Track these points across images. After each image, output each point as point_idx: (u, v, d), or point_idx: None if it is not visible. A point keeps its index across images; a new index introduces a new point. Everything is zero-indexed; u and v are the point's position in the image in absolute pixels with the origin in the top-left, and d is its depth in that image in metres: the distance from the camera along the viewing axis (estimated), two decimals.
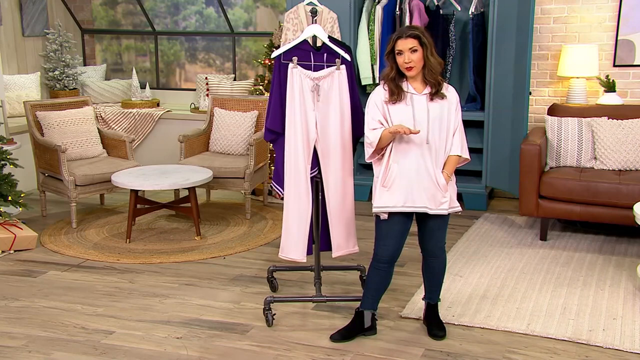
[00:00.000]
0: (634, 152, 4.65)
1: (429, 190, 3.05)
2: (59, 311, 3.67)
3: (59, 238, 4.89)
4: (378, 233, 3.15)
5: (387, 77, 3.05)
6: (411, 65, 2.97)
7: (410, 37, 2.96)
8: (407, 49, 2.95)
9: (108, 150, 5.65)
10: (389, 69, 3.04)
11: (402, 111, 3.02)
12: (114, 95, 7.14)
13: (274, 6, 7.00)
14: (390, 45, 3.00)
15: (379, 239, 3.15)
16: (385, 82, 3.06)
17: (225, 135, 5.64)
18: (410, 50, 2.96)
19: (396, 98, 3.02)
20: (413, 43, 2.95)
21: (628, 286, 3.86)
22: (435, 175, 3.06)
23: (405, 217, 3.11)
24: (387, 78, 3.04)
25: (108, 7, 7.63)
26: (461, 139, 3.10)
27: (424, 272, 3.34)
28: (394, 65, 3.02)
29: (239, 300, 3.78)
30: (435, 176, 3.05)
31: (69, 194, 5.03)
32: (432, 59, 2.99)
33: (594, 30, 5.41)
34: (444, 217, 3.14)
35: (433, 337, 3.28)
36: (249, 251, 4.60)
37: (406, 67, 2.98)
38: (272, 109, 3.40)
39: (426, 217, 3.13)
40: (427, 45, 2.98)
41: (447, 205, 3.09)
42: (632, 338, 3.25)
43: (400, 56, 2.98)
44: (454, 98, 3.09)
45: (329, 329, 3.40)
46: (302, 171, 3.35)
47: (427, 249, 3.25)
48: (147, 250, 4.62)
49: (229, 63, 7.27)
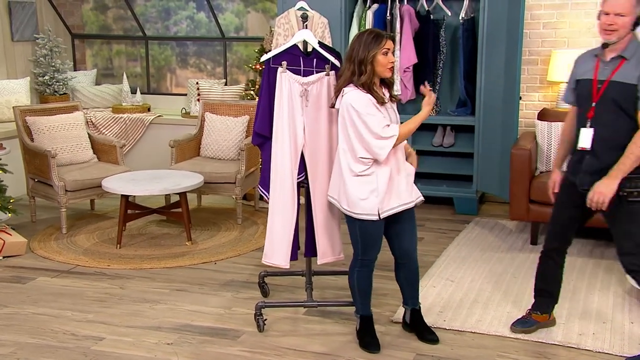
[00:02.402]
0: None
1: (407, 186, 3.13)
2: (49, 318, 3.64)
3: (49, 244, 4.86)
4: (366, 238, 3.11)
5: (366, 83, 3.00)
6: (393, 65, 3.05)
7: (390, 38, 3.04)
8: (392, 48, 3.05)
9: (98, 156, 5.62)
10: (370, 75, 2.99)
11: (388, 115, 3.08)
12: (105, 100, 7.12)
13: (265, 11, 7.01)
14: (381, 46, 2.96)
15: (368, 244, 3.12)
16: (364, 88, 3.00)
17: (216, 140, 5.63)
18: (392, 51, 3.05)
19: (382, 102, 3.03)
20: (392, 44, 3.05)
21: (617, 290, 3.88)
22: (407, 169, 3.16)
23: (384, 220, 3.10)
24: (367, 83, 3.00)
25: (98, 12, 7.62)
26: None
27: (402, 278, 3.31)
28: (373, 69, 3.00)
29: (230, 306, 3.76)
30: (407, 170, 3.15)
31: (59, 200, 5.01)
32: None
33: (583, 35, 5.44)
34: (414, 215, 3.21)
35: (428, 342, 3.28)
36: (240, 256, 4.59)
37: (390, 67, 3.03)
38: (261, 112, 3.40)
39: (400, 217, 3.13)
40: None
41: (417, 194, 3.19)
42: (621, 342, 3.26)
43: (385, 56, 3.00)
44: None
45: (320, 334, 3.40)
46: (288, 176, 3.34)
47: (405, 251, 3.22)
48: (137, 255, 4.60)
49: (220, 68, 7.27)
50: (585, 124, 2.95)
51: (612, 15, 2.79)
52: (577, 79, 3.03)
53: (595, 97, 2.90)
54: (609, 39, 2.84)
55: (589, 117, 2.93)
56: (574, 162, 3.07)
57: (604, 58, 2.92)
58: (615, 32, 2.81)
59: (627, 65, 2.85)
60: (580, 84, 3.01)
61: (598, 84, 2.90)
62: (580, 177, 3.00)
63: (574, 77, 3.07)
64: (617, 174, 2.86)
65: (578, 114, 3.05)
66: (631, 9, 2.77)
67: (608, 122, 2.90)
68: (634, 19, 2.80)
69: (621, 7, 2.77)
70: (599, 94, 2.89)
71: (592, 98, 2.92)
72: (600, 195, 2.89)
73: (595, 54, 2.98)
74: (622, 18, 2.78)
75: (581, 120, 3.00)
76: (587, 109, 2.95)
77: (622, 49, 2.86)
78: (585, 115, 2.96)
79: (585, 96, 2.97)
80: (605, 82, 2.88)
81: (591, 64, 2.97)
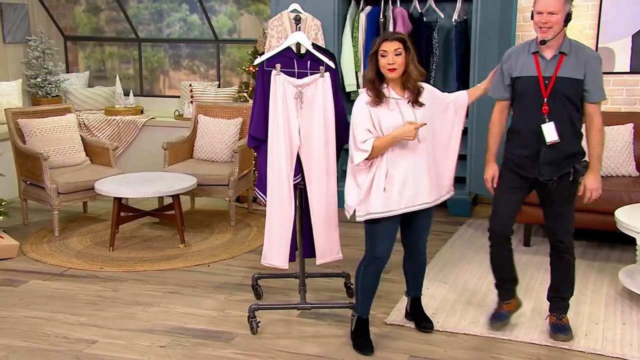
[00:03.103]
0: (615, 158, 4.70)
1: (426, 186, 3.11)
2: (41, 321, 3.62)
3: (41, 247, 4.84)
4: (373, 236, 3.14)
5: (365, 77, 3.09)
6: (394, 67, 3.00)
7: (396, 40, 3.01)
8: (392, 50, 3.00)
9: (91, 158, 5.60)
10: (368, 70, 3.08)
11: (391, 116, 3.04)
12: (97, 103, 7.10)
13: (258, 13, 7.01)
14: (375, 47, 3.03)
15: (378, 240, 3.14)
16: (365, 85, 3.09)
17: (209, 143, 5.62)
18: (395, 52, 3.00)
19: (378, 100, 3.03)
20: (397, 45, 3.00)
21: (610, 291, 3.90)
22: (432, 170, 3.13)
23: (397, 218, 3.14)
24: (366, 78, 3.08)
25: (91, 14, 7.60)
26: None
27: (408, 269, 3.39)
28: (375, 68, 3.05)
29: (223, 308, 3.76)
30: (435, 170, 3.14)
31: (51, 202, 4.99)
32: (413, 66, 3.04)
33: (575, 37, 5.40)
34: (431, 214, 3.23)
35: (423, 329, 3.39)
36: (234, 258, 4.58)
37: (388, 68, 3.01)
38: (256, 115, 3.40)
39: (415, 215, 3.16)
40: (411, 51, 3.03)
41: (446, 190, 3.23)
42: (613, 343, 3.27)
43: (383, 58, 3.01)
44: (429, 91, 3.16)
45: (313, 336, 3.40)
46: (285, 178, 3.34)
47: (414, 245, 3.30)
48: (130, 258, 4.58)
49: (213, 70, 7.26)
50: (542, 119, 3.07)
51: (546, 13, 2.95)
52: (516, 76, 3.12)
53: (545, 93, 3.04)
54: (546, 37, 2.99)
55: (544, 112, 3.06)
56: (522, 157, 3.16)
57: (544, 55, 3.06)
58: (550, 30, 2.97)
59: (568, 60, 3.03)
60: (521, 80, 3.11)
61: (545, 80, 3.04)
62: (542, 169, 3.13)
63: (508, 74, 3.15)
64: (598, 167, 3.12)
65: (524, 110, 3.13)
66: (562, 6, 2.95)
67: (562, 115, 3.06)
68: (564, 16, 2.98)
69: (553, 6, 2.94)
70: (548, 90, 3.03)
71: (542, 94, 3.05)
72: (596, 191, 3.14)
73: (532, 51, 3.09)
74: (555, 16, 2.95)
75: (533, 116, 3.09)
76: (539, 104, 3.06)
77: (559, 46, 3.03)
78: (540, 111, 3.07)
79: (532, 92, 3.08)
80: (552, 78, 3.03)
81: (529, 61, 3.08)
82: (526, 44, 3.14)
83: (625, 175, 4.70)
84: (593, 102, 3.08)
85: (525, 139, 3.13)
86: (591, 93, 3.06)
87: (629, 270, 3.93)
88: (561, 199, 3.17)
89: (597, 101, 3.09)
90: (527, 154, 3.14)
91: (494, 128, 3.25)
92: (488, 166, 3.28)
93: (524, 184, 3.22)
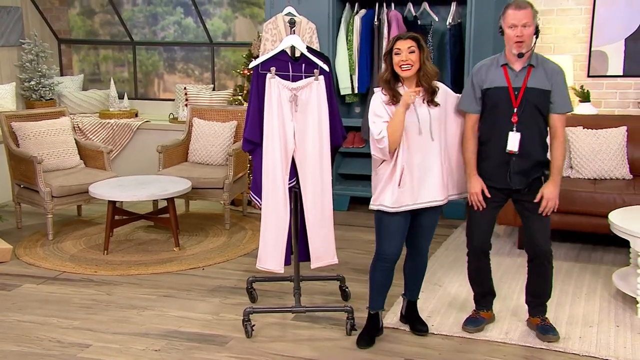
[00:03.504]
0: (609, 161, 4.72)
1: (438, 184, 3.18)
2: (34, 325, 3.61)
3: (35, 250, 4.82)
4: (383, 232, 3.20)
5: (381, 78, 3.13)
6: (408, 63, 3.05)
7: (410, 38, 3.07)
8: (406, 48, 3.05)
9: (85, 161, 5.59)
10: (384, 71, 3.13)
11: (407, 115, 3.09)
12: (92, 106, 7.08)
13: (253, 16, 7.02)
14: (390, 45, 3.09)
15: (385, 238, 3.20)
16: (382, 84, 3.14)
17: (204, 146, 5.62)
18: (408, 50, 3.05)
19: (395, 100, 3.08)
20: (411, 44, 3.06)
21: (604, 294, 3.91)
22: (445, 168, 3.21)
23: (407, 215, 3.19)
24: (382, 78, 3.12)
25: (85, 17, 7.59)
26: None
27: (408, 270, 3.42)
28: (390, 67, 3.10)
29: (218, 312, 3.75)
30: (447, 169, 3.22)
31: (45, 206, 4.97)
32: (428, 64, 3.11)
33: (569, 41, 5.50)
34: (437, 214, 3.27)
35: (418, 332, 3.41)
36: (228, 262, 4.57)
37: (402, 65, 3.05)
38: (251, 119, 3.39)
39: (422, 214, 3.21)
40: (424, 49, 3.09)
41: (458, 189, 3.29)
42: (607, 345, 3.28)
43: (397, 56, 3.06)
44: (443, 91, 3.20)
45: (308, 339, 3.40)
46: (280, 181, 3.34)
47: (417, 246, 3.34)
48: (125, 261, 4.57)
49: (207, 73, 7.25)
50: (510, 128, 3.15)
51: (520, 27, 3.06)
52: (487, 88, 3.20)
53: (515, 103, 3.13)
54: (522, 50, 3.10)
55: (513, 121, 3.14)
56: (493, 167, 3.22)
57: (513, 67, 3.15)
58: (524, 43, 3.09)
59: (536, 72, 3.14)
60: (491, 91, 3.19)
61: (515, 91, 3.13)
62: (513, 178, 3.19)
63: (479, 86, 3.22)
64: (558, 178, 3.21)
65: (495, 121, 3.19)
66: (532, 19, 3.07)
67: (531, 124, 3.16)
68: (535, 29, 3.10)
69: (526, 17, 3.06)
70: (518, 100, 3.12)
71: (512, 104, 3.13)
72: (552, 201, 3.19)
73: (500, 63, 3.18)
74: (528, 28, 3.07)
75: (503, 126, 3.17)
76: (509, 114, 3.14)
77: (528, 58, 3.14)
78: (509, 120, 3.15)
79: (503, 103, 3.16)
80: (522, 89, 3.13)
81: (499, 73, 3.18)
82: (494, 58, 3.25)
83: (619, 178, 4.72)
84: (558, 113, 3.17)
85: (494, 149, 3.21)
86: (556, 104, 3.16)
87: (622, 272, 3.95)
88: (538, 206, 3.22)
89: (562, 112, 3.19)
90: (497, 163, 3.21)
91: (469, 142, 3.27)
92: (473, 180, 3.26)
93: (497, 196, 3.27)
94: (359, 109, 5.98)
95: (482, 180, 3.26)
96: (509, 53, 3.16)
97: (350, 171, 5.89)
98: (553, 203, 3.19)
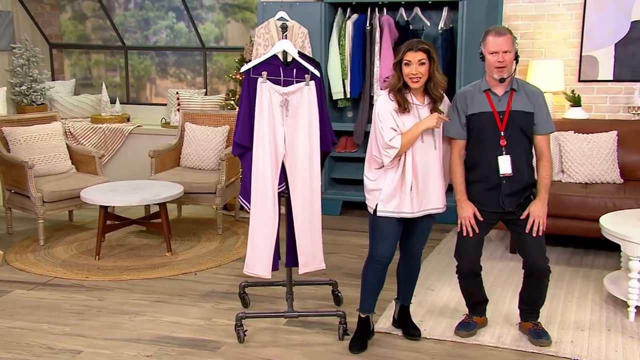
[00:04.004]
0: (599, 166, 4.74)
1: (439, 193, 3.21)
2: (24, 331, 3.58)
3: (25, 256, 4.79)
4: (377, 234, 3.21)
5: (394, 88, 3.13)
6: (418, 76, 3.07)
7: (421, 50, 3.07)
8: (416, 60, 3.06)
9: (77, 166, 5.57)
10: (396, 80, 3.13)
11: (413, 121, 3.13)
12: (84, 111, 7.06)
13: (245, 21, 7.02)
14: (400, 56, 3.10)
15: (379, 241, 3.21)
16: (391, 92, 3.15)
17: (196, 150, 5.61)
18: (419, 62, 3.06)
19: (404, 108, 3.11)
20: (422, 56, 3.06)
21: (595, 298, 3.93)
22: (446, 176, 3.26)
23: (401, 219, 3.20)
24: (394, 88, 3.13)
25: (77, 22, 7.57)
26: None
27: (402, 274, 3.43)
28: (400, 76, 3.11)
29: (210, 317, 3.74)
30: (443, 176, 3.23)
31: (36, 211, 4.95)
32: (438, 75, 3.12)
33: (560, 46, 5.53)
34: (432, 218, 3.28)
35: (410, 337, 3.41)
36: (221, 267, 4.56)
37: (412, 78, 3.07)
38: (241, 123, 3.39)
39: (419, 219, 3.23)
40: (435, 60, 3.10)
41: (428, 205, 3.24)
42: (599, 349, 3.29)
43: (407, 67, 3.07)
44: (445, 103, 3.26)
45: (301, 344, 3.39)
46: (269, 186, 3.33)
47: (411, 250, 3.35)
48: (116, 267, 4.55)
49: (200, 78, 7.25)
50: (500, 152, 3.19)
51: (501, 53, 3.12)
52: (471, 113, 3.23)
53: (502, 126, 3.18)
54: (503, 75, 3.17)
55: (502, 145, 3.19)
56: (483, 191, 3.25)
57: (495, 92, 3.21)
58: (505, 68, 3.15)
59: (518, 96, 3.20)
60: (476, 116, 3.23)
61: (500, 115, 3.18)
62: (505, 201, 3.23)
63: (463, 112, 3.25)
64: (545, 197, 3.23)
65: (482, 145, 3.22)
66: (512, 45, 3.14)
67: (518, 146, 3.21)
68: (514, 55, 3.17)
69: (506, 45, 3.12)
70: (504, 124, 3.18)
71: (498, 128, 3.19)
72: (539, 219, 3.20)
73: (483, 89, 3.23)
74: (509, 54, 3.13)
75: (491, 150, 3.20)
76: (497, 138, 3.19)
77: (509, 83, 3.21)
78: (497, 144, 3.19)
79: (489, 127, 3.20)
80: (506, 112, 3.18)
81: (482, 99, 3.23)
82: (476, 84, 3.28)
83: (610, 182, 4.74)
84: (542, 134, 3.24)
85: (483, 173, 3.23)
86: (540, 125, 3.22)
87: (613, 276, 3.96)
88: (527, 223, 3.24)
89: (546, 133, 3.24)
90: (487, 187, 3.24)
91: (457, 168, 3.28)
92: (464, 204, 3.27)
93: (488, 218, 3.29)
94: (351, 114, 5.99)
95: (472, 204, 3.26)
96: (490, 78, 3.21)
97: (343, 175, 5.89)
98: (540, 220, 3.20)
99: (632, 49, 5.34)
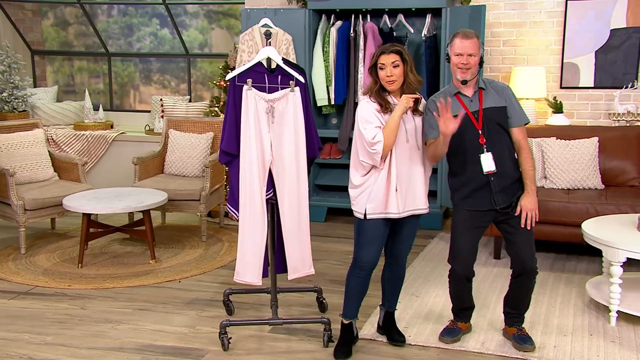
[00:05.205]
0: (582, 172, 4.79)
1: (422, 195, 3.23)
2: (4, 341, 3.53)
3: (6, 265, 4.73)
4: (363, 239, 3.21)
5: (372, 90, 3.17)
6: (392, 79, 3.09)
7: (393, 52, 3.10)
8: (390, 63, 3.08)
9: (60, 174, 5.52)
10: (372, 83, 3.17)
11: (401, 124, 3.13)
12: (66, 117, 7.01)
13: (229, 28, 7.02)
14: (374, 59, 3.13)
15: (364, 246, 3.21)
16: (370, 95, 3.17)
17: (180, 157, 5.59)
18: (392, 64, 3.08)
19: (386, 108, 3.12)
20: (395, 58, 3.09)
21: (578, 303, 3.96)
22: (428, 177, 3.27)
23: (388, 223, 3.20)
24: (372, 91, 3.16)
25: (59, 28, 7.52)
26: None
27: (387, 279, 3.42)
28: (377, 79, 3.14)
29: (194, 325, 3.72)
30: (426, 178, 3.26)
31: (18, 219, 4.89)
32: (412, 76, 3.15)
33: (541, 53, 5.59)
34: (417, 222, 3.29)
35: (395, 343, 3.41)
36: (205, 274, 4.54)
37: (387, 81, 3.10)
38: (227, 130, 3.39)
39: (403, 222, 3.23)
40: (408, 61, 3.13)
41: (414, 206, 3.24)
42: (581, 354, 3.32)
43: (382, 70, 3.10)
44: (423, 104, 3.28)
45: (285, 352, 3.38)
46: (257, 193, 3.33)
47: (396, 254, 3.35)
48: (99, 275, 4.51)
49: (184, 84, 7.23)
50: (481, 150, 3.22)
51: (466, 55, 3.17)
52: None
53: (478, 125, 3.22)
54: (466, 77, 3.21)
55: (482, 143, 3.22)
56: (472, 190, 3.26)
57: (465, 94, 3.26)
58: (469, 70, 3.20)
59: (487, 93, 3.26)
60: None
61: (474, 114, 3.23)
62: (497, 198, 3.24)
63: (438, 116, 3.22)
64: (533, 188, 3.26)
65: (464, 145, 3.23)
66: (478, 49, 3.20)
67: (498, 142, 3.24)
68: (479, 59, 3.23)
69: (471, 49, 3.17)
70: (480, 122, 3.22)
71: (475, 127, 3.23)
72: (532, 211, 3.23)
73: (453, 93, 3.27)
74: (473, 57, 3.19)
75: (472, 149, 3.23)
76: (476, 137, 3.22)
77: (476, 83, 3.27)
78: (477, 142, 3.22)
79: (467, 128, 3.21)
80: (480, 111, 3.23)
81: (454, 102, 3.26)
82: (445, 90, 3.33)
83: (592, 188, 4.79)
84: (517, 125, 3.27)
85: (470, 175, 3.25)
86: (513, 118, 3.26)
87: (595, 281, 4.00)
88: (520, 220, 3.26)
89: (520, 124, 3.27)
90: (476, 187, 3.25)
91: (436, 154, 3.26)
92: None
93: (481, 220, 3.30)
94: (335, 120, 6.00)
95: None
96: (456, 81, 3.25)
97: (328, 182, 5.90)
98: (533, 213, 3.23)
99: (611, 57, 5.41)
